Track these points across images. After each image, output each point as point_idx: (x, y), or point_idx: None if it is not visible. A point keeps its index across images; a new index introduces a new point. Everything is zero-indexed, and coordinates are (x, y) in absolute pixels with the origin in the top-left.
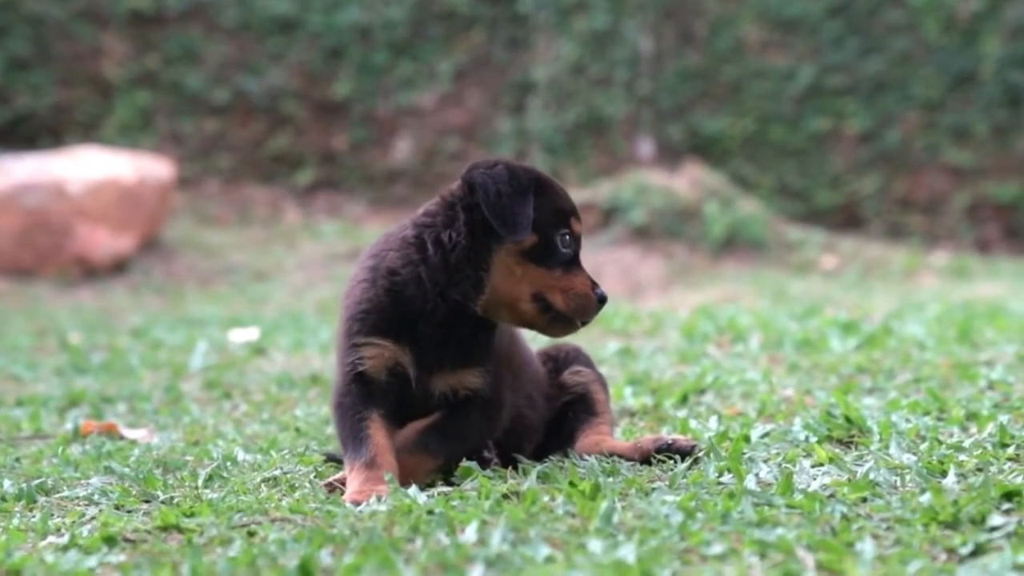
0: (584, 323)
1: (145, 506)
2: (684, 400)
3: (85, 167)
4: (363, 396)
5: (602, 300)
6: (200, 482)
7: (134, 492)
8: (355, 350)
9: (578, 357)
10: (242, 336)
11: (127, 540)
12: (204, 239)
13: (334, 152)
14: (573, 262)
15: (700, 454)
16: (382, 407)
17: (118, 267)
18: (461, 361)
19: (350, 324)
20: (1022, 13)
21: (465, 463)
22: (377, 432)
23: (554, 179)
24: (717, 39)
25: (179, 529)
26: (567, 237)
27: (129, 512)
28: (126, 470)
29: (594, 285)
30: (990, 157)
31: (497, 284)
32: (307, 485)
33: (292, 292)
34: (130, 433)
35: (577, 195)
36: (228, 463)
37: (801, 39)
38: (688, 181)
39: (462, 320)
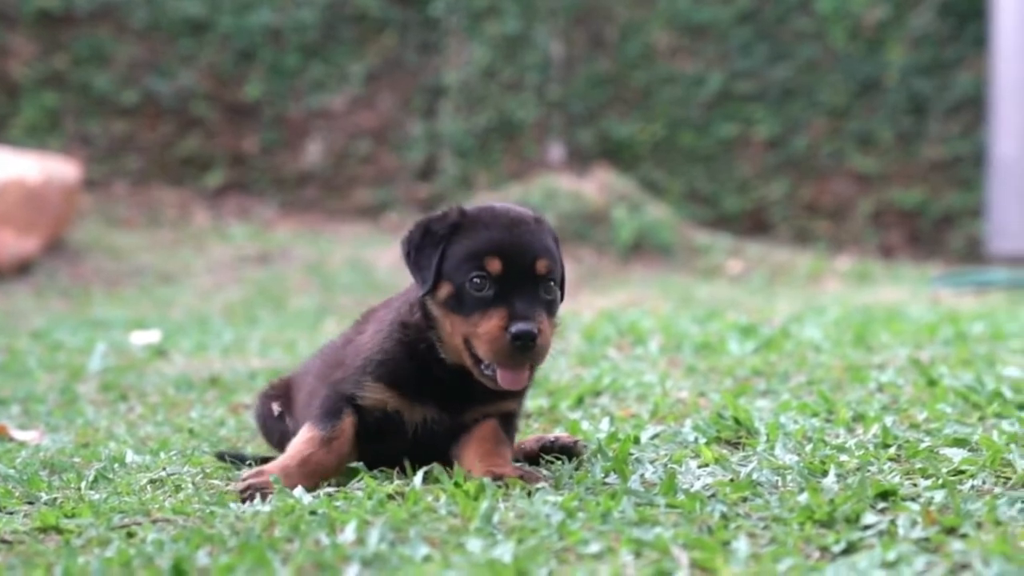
0: (532, 365)
1: (27, 507)
2: (580, 402)
3: None
4: (349, 410)
5: (516, 337)
6: (85, 483)
7: (17, 494)
8: (360, 387)
9: None
10: (143, 338)
11: (4, 541)
12: (111, 241)
13: (244, 154)
14: (497, 302)
15: (588, 455)
16: (359, 423)
17: (22, 269)
18: (496, 395)
19: (365, 365)
20: (926, 22)
21: (354, 463)
22: (349, 427)
23: (487, 216)
24: (627, 45)
25: (58, 530)
26: (479, 279)
27: (10, 514)
28: (11, 472)
29: (512, 321)
30: (894, 164)
31: (443, 337)
32: (191, 486)
33: (199, 294)
34: (20, 435)
35: (487, 199)
36: (116, 465)
37: (710, 45)
38: (597, 185)
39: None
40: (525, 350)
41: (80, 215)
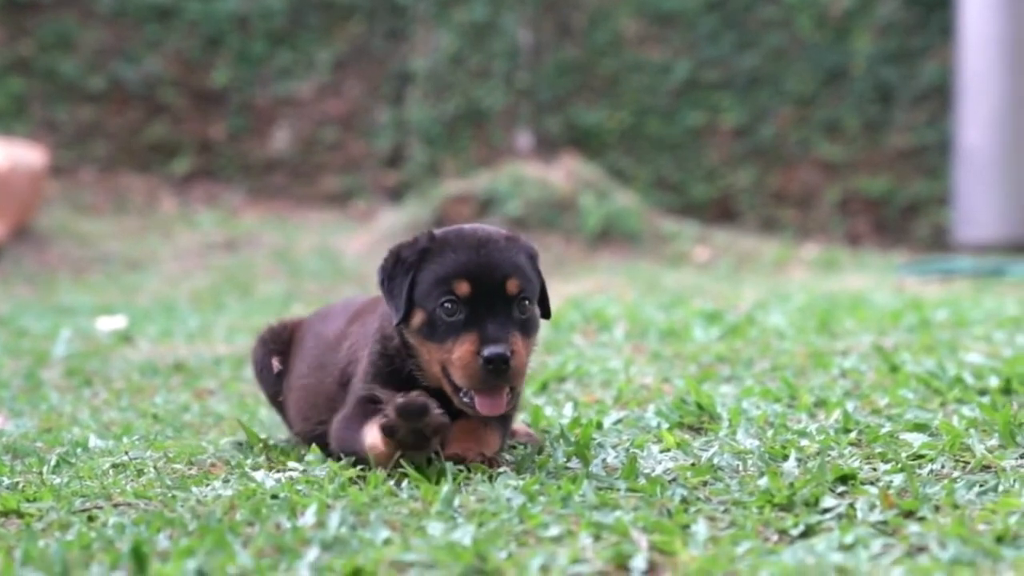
0: (512, 388)
1: None
2: (544, 388)
3: None
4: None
5: (488, 361)
6: (47, 468)
7: None
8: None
9: None
10: (109, 324)
11: None
12: (78, 228)
13: (211, 141)
14: (468, 326)
15: (550, 440)
16: None
17: None
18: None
19: (365, 376)
20: (892, 10)
21: (313, 456)
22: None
23: (454, 238)
24: (595, 32)
25: (19, 514)
26: (450, 304)
27: None
28: None
29: (483, 345)
30: (861, 152)
31: (422, 366)
32: (153, 470)
33: (166, 281)
34: None
35: (454, 186)
36: (78, 449)
37: (678, 33)
38: (564, 173)
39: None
40: (499, 374)
41: (46, 201)
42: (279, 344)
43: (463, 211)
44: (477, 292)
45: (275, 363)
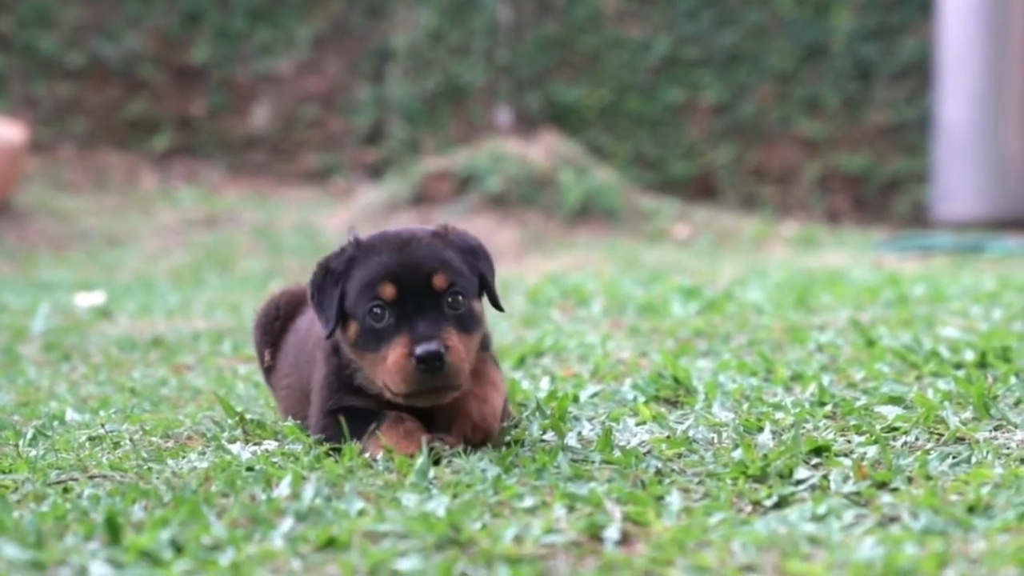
0: (441, 388)
1: None
2: (522, 362)
3: None
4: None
5: (420, 360)
6: (23, 441)
7: None
8: (344, 400)
9: None
10: (88, 300)
11: None
12: (58, 204)
13: (191, 118)
14: (399, 328)
15: (526, 413)
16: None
17: None
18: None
19: (322, 385)
20: None
21: (290, 422)
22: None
23: (379, 242)
24: (575, 9)
25: None
26: (378, 309)
27: None
28: None
29: (414, 344)
30: (840, 129)
31: (368, 377)
32: (129, 442)
33: (146, 258)
34: None
35: (434, 163)
36: (55, 422)
37: (657, 10)
38: (544, 150)
39: None
40: (434, 371)
41: (26, 178)
42: (275, 334)
43: (443, 188)
44: (403, 293)
45: (267, 356)
